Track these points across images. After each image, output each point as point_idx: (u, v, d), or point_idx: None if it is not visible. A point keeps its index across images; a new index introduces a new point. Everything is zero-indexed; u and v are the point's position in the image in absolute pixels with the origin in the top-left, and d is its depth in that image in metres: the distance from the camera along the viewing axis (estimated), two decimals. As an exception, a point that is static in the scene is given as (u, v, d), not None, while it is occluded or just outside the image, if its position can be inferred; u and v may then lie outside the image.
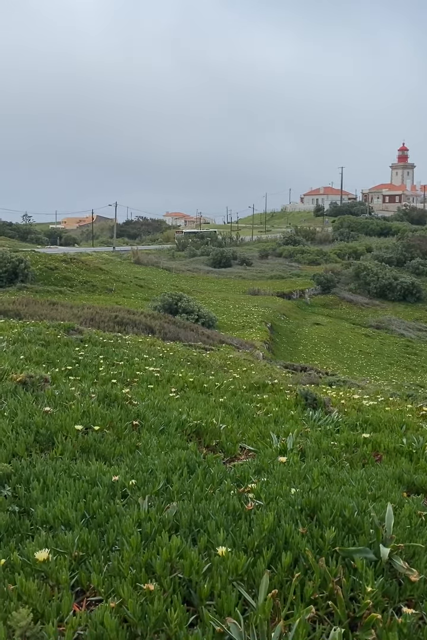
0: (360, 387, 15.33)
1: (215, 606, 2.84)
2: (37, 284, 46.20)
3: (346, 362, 39.98)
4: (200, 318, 36.64)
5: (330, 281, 68.41)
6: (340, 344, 46.23)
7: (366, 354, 44.34)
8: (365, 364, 40.99)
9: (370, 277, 69.73)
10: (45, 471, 4.34)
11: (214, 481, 4.39)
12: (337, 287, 68.89)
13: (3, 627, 2.56)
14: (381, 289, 68.49)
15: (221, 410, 7.12)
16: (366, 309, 63.33)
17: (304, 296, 65.03)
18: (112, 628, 2.57)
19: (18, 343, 11.29)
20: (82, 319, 24.13)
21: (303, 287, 67.38)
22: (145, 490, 4.06)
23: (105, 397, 6.80)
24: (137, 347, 15.04)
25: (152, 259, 79.02)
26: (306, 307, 61.91)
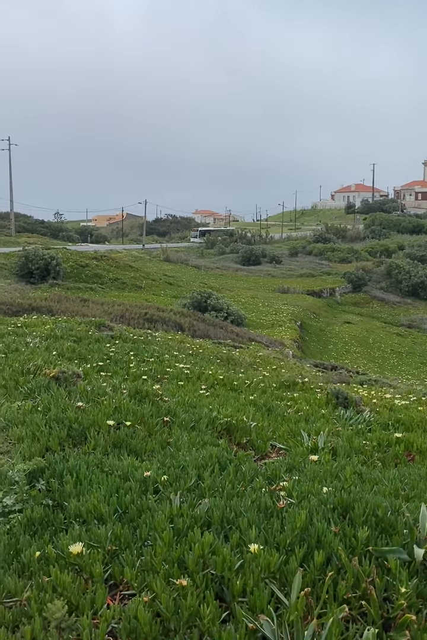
0: (392, 387, 15.16)
1: (247, 603, 2.84)
2: (69, 280, 46.72)
3: (377, 362, 39.56)
4: (229, 316, 36.60)
5: (361, 279, 67.69)
6: (371, 343, 45.74)
7: (397, 353, 43.79)
8: (397, 363, 40.49)
9: (402, 276, 68.80)
10: (78, 466, 4.39)
11: (245, 478, 4.39)
12: (369, 286, 68.12)
13: (39, 619, 2.60)
14: (413, 288, 67.50)
15: (251, 408, 7.11)
16: (397, 308, 62.50)
17: (334, 294, 64.48)
18: (145, 622, 2.59)
19: (51, 339, 11.44)
20: (113, 315, 24.32)
21: (333, 285, 66.79)
22: (177, 486, 4.08)
23: (136, 393, 6.85)
24: (167, 344, 15.11)
25: (181, 257, 79.23)
26: (336, 305, 61.38)
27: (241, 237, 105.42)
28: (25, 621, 2.65)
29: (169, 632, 2.66)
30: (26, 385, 6.90)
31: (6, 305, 23.38)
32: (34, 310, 22.39)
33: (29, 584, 2.93)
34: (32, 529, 3.56)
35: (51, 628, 2.58)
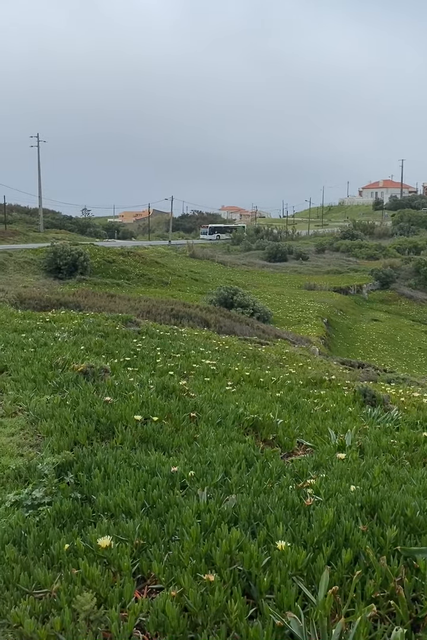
0: (420, 385, 14.97)
1: (275, 600, 2.84)
2: (96, 276, 47.12)
3: (404, 360, 39.08)
4: (255, 312, 36.51)
5: (389, 276, 66.91)
6: (399, 340, 45.21)
7: (425, 351, 43.22)
8: (425, 361, 39.95)
9: (431, 273, 67.88)
10: (106, 460, 4.43)
11: (272, 475, 4.38)
12: (396, 283, 67.30)
13: (68, 610, 2.63)
14: (443, 285, 66.57)
15: (278, 405, 7.09)
16: (426, 306, 61.69)
17: (361, 292, 63.87)
18: (173, 616, 2.60)
19: (78, 334, 11.54)
20: (139, 311, 24.45)
21: (361, 282, 66.14)
22: (204, 482, 4.09)
23: (163, 389, 6.88)
24: (193, 340, 15.14)
25: (207, 253, 79.25)
26: (363, 302, 60.82)
27: (267, 233, 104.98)
28: (55, 612, 2.69)
29: (196, 626, 2.68)
30: (55, 380, 6.98)
31: (35, 300, 23.67)
32: (62, 305, 22.62)
33: (58, 575, 2.97)
34: (61, 521, 3.61)
35: (80, 620, 2.61)
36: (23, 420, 5.83)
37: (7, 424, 5.76)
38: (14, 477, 4.42)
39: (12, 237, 66.05)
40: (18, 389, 6.75)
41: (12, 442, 5.24)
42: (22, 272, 44.13)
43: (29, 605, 2.73)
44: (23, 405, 6.18)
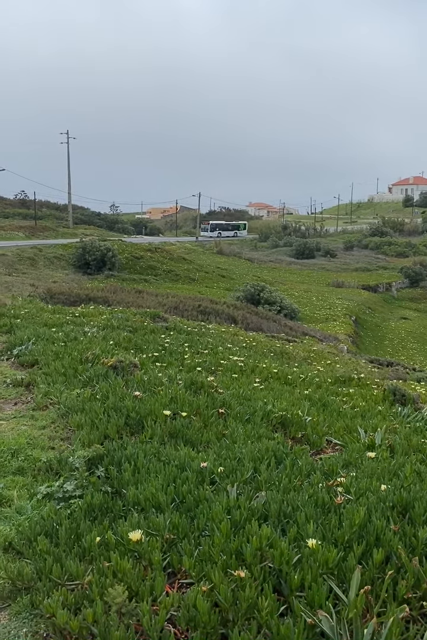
0: (450, 385, 14.75)
1: (305, 598, 2.82)
2: (124, 272, 47.41)
3: (434, 359, 38.55)
4: (282, 309, 36.37)
5: (419, 274, 66.03)
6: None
7: (455, 350, 42.57)
8: (455, 360, 39.37)
9: (461, 271, 66.82)
10: (136, 454, 4.46)
11: (302, 473, 4.36)
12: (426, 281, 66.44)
13: (100, 602, 2.65)
14: None
15: (306, 403, 7.05)
16: (456, 304, 60.74)
17: (390, 289, 63.19)
18: (204, 611, 2.61)
19: (107, 329, 11.63)
20: (167, 307, 24.54)
21: (390, 280, 65.44)
22: (234, 478, 4.09)
23: (191, 384, 6.90)
24: (221, 337, 15.14)
25: (234, 250, 79.19)
26: (392, 300, 60.14)
27: (295, 230, 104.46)
28: (87, 604, 2.71)
29: (227, 622, 2.68)
30: (85, 374, 7.05)
31: (64, 295, 23.92)
32: (90, 300, 22.82)
33: (90, 568, 2.99)
34: (92, 514, 3.64)
35: (112, 612, 2.63)
36: (54, 413, 5.90)
37: (38, 417, 5.84)
38: (45, 469, 4.48)
39: (42, 232, 66.86)
40: (49, 382, 6.83)
41: (43, 435, 5.31)
42: (52, 267, 44.63)
43: (61, 596, 2.76)
44: (54, 398, 6.25)
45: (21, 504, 3.92)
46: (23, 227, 67.74)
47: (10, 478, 4.37)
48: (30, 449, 4.90)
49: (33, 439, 5.16)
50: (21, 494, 4.09)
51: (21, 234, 62.37)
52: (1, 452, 4.76)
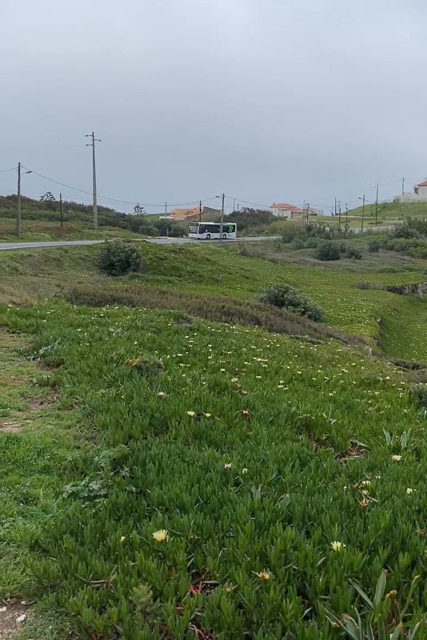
0: None
1: (330, 601, 2.81)
2: (148, 273, 47.63)
3: (461, 361, 38.00)
4: (306, 311, 36.19)
5: (445, 276, 65.24)
6: (455, 341, 44.01)
7: None
8: None
9: None
10: (161, 454, 4.48)
11: (326, 475, 4.34)
12: (453, 282, 65.57)
13: (125, 601, 2.67)
14: None
15: (331, 405, 7.01)
16: None
17: (416, 291, 62.47)
18: (228, 612, 2.61)
19: (132, 329, 11.70)
20: (191, 308, 24.60)
21: (416, 281, 64.70)
22: (258, 479, 4.08)
23: (215, 385, 6.90)
24: (244, 338, 15.13)
25: (258, 250, 79.04)
26: (418, 302, 59.47)
27: (319, 231, 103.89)
28: (112, 603, 2.73)
29: (251, 624, 2.67)
30: (110, 374, 7.10)
31: (89, 296, 24.14)
32: (115, 300, 22.98)
33: (114, 567, 3.01)
34: (117, 514, 3.66)
35: (137, 611, 2.64)
36: (79, 413, 5.95)
37: (64, 416, 5.89)
38: (71, 468, 4.52)
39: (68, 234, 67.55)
40: (74, 382, 6.90)
41: (69, 434, 5.36)
42: (77, 268, 45.04)
43: (86, 594, 2.78)
44: (79, 398, 6.31)
45: (47, 502, 3.96)
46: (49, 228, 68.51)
47: (36, 477, 4.42)
48: (56, 448, 4.95)
49: (59, 438, 5.21)
50: (47, 493, 4.13)
51: (47, 235, 63.08)
52: (28, 450, 4.82)
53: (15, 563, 3.28)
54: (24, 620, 2.87)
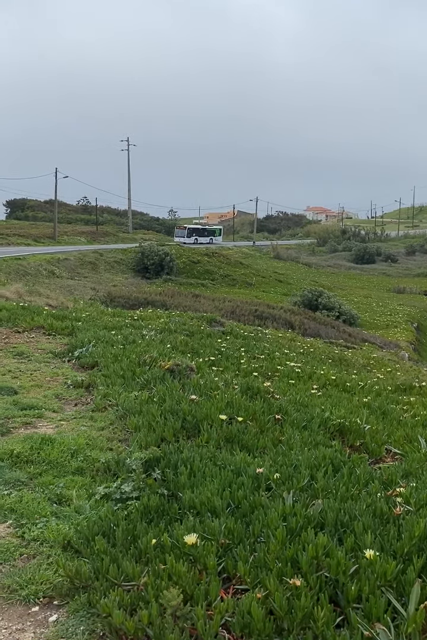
0: None
1: (362, 610, 2.76)
2: (181, 276, 47.91)
3: None
4: (341, 315, 35.87)
5: None
6: None
7: None
8: None
9: None
10: (192, 458, 4.47)
11: (359, 482, 4.28)
12: None
13: (155, 604, 2.67)
14: None
15: (365, 411, 6.93)
16: None
17: (454, 295, 61.30)
18: (259, 618, 2.59)
19: (165, 332, 11.76)
20: (223, 311, 24.62)
21: (454, 285, 63.53)
22: (290, 485, 4.04)
23: (247, 389, 6.88)
24: (278, 342, 15.07)
25: (291, 254, 78.71)
26: (456, 307, 58.35)
27: (354, 234, 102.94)
28: (142, 605, 2.74)
29: (282, 631, 2.65)
30: (142, 376, 7.14)
31: (124, 299, 24.37)
32: (149, 304, 23.15)
33: (145, 570, 3.01)
34: (148, 516, 3.67)
35: (167, 615, 2.64)
36: (112, 415, 6.00)
37: (97, 418, 5.95)
38: (103, 470, 4.55)
39: (103, 237, 68.41)
40: (108, 384, 6.96)
41: (102, 436, 5.40)
42: (112, 271, 45.52)
43: (117, 596, 2.79)
44: (112, 400, 6.36)
45: (80, 503, 4.00)
46: (85, 232, 69.48)
47: (69, 478, 4.46)
48: (89, 450, 5.00)
49: (92, 440, 5.25)
50: (80, 494, 4.17)
51: (83, 239, 63.95)
52: (61, 452, 4.88)
53: (48, 563, 3.32)
54: (56, 620, 2.89)
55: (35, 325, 11.21)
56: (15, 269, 34.70)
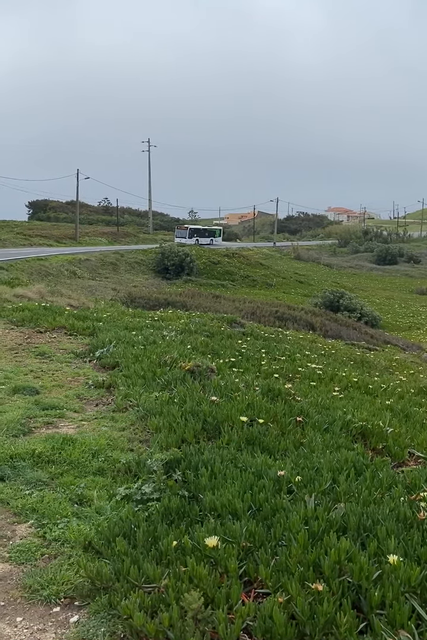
0: None
1: (386, 616, 2.72)
2: (201, 277, 47.95)
3: None
4: (363, 316, 35.59)
5: None
6: None
7: None
8: None
9: None
10: (213, 459, 4.45)
11: (382, 485, 4.22)
12: None
13: (176, 607, 2.65)
14: None
15: (388, 413, 6.84)
16: None
17: None
18: (280, 623, 2.56)
19: (185, 333, 11.76)
20: (244, 312, 24.57)
21: None
22: (311, 488, 4.00)
23: (268, 391, 6.84)
24: (298, 343, 14.98)
25: (312, 255, 78.32)
26: None
27: (376, 235, 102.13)
28: (163, 608, 2.72)
29: (304, 636, 2.61)
30: (163, 377, 7.14)
31: (144, 299, 24.45)
32: (169, 304, 23.20)
33: (166, 572, 3.00)
34: (169, 518, 3.66)
35: (188, 618, 2.62)
36: (133, 415, 6.01)
37: (118, 418, 5.96)
38: (124, 471, 4.56)
39: (123, 238, 68.74)
40: (129, 384, 6.97)
41: (123, 437, 5.41)
42: (133, 272, 45.72)
43: (138, 598, 2.78)
44: (133, 400, 6.37)
45: (101, 504, 4.00)
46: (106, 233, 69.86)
47: (90, 478, 4.47)
48: (110, 450, 5.01)
49: (113, 440, 5.26)
50: (101, 495, 4.17)
51: (104, 240, 64.33)
52: (82, 452, 4.89)
53: (69, 564, 3.32)
54: (77, 621, 2.89)
55: (57, 326, 11.30)
56: (37, 270, 35.01)
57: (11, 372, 7.69)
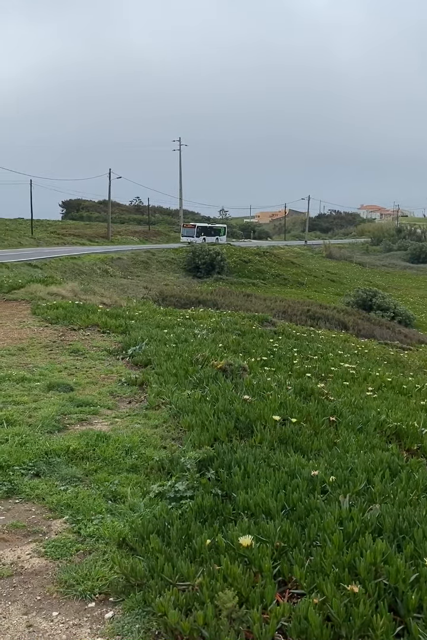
0: None
1: (424, 620, 2.67)
2: (232, 275, 47.88)
3: None
4: (396, 316, 35.06)
5: None
6: None
7: None
8: None
9: None
10: (246, 458, 4.44)
11: (418, 487, 4.15)
12: None
13: (211, 606, 2.65)
14: None
15: (423, 414, 6.74)
16: None
17: None
18: (316, 625, 2.54)
19: (216, 332, 11.76)
20: (275, 311, 24.47)
21: None
22: (346, 488, 3.96)
23: (301, 390, 6.80)
24: (331, 343, 14.87)
25: (344, 253, 77.55)
26: None
27: (410, 233, 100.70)
28: (198, 606, 2.72)
29: (339, 638, 2.58)
30: (195, 375, 7.15)
31: (175, 298, 24.54)
32: (200, 303, 23.24)
33: (200, 570, 3.00)
34: (202, 516, 3.66)
35: (222, 617, 2.62)
36: (166, 413, 6.03)
37: (151, 416, 5.99)
38: (157, 468, 4.57)
39: (155, 237, 69.11)
40: (161, 382, 7.00)
41: (156, 434, 5.43)
42: (164, 270, 45.92)
43: (172, 596, 2.78)
44: (166, 398, 6.39)
45: (134, 501, 4.02)
46: (137, 232, 70.31)
47: (124, 475, 4.50)
48: (143, 447, 5.03)
49: (146, 438, 5.29)
50: (134, 492, 4.20)
51: (136, 239, 64.79)
52: (116, 449, 4.93)
53: (103, 560, 3.35)
54: (112, 617, 2.91)
55: (90, 323, 11.42)
56: (70, 268, 35.39)
57: (46, 369, 7.80)
